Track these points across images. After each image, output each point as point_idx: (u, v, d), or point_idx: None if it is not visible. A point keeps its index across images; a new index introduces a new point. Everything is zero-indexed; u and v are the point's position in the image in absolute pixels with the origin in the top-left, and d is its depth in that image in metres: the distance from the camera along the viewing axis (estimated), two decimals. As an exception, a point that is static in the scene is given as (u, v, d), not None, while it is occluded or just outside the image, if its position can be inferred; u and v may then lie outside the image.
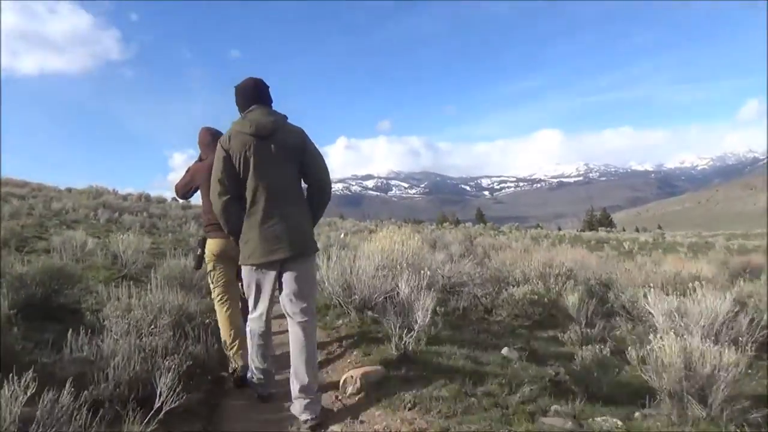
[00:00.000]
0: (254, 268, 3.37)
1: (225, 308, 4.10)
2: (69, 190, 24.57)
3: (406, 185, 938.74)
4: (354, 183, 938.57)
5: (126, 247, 7.44)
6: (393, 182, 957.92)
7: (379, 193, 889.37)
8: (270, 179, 3.29)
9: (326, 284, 5.50)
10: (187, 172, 4.48)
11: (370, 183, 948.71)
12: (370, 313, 5.22)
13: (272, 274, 3.37)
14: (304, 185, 3.55)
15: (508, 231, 38.49)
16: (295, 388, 3.31)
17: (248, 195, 3.32)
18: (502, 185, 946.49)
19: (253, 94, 3.46)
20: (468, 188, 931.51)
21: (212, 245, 4.11)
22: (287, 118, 3.47)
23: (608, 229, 57.25)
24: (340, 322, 5.31)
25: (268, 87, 3.54)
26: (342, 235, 19.51)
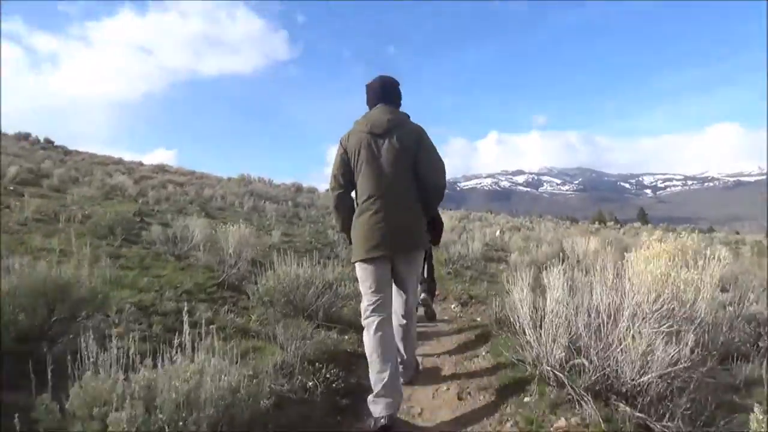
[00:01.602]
0: (364, 263, 3.34)
1: None
2: (229, 179, 24.97)
3: (559, 181, 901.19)
4: (503, 178, 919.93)
5: (235, 241, 5.85)
6: (545, 178, 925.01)
7: (529, 189, 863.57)
8: (380, 177, 3.31)
9: (519, 327, 3.50)
10: None
11: (520, 179, 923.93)
12: (627, 408, 2.78)
13: (383, 268, 3.34)
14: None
15: (686, 233, 33.18)
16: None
17: (359, 191, 3.41)
18: (667, 183, 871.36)
19: (380, 92, 3.53)
20: (627, 186, 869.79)
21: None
22: (409, 116, 3.50)
23: (806, 235, 48.17)
24: (562, 421, 2.88)
25: (398, 85, 3.60)
26: (498, 233, 17.19)
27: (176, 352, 2.29)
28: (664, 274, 3.16)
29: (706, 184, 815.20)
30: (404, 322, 3.54)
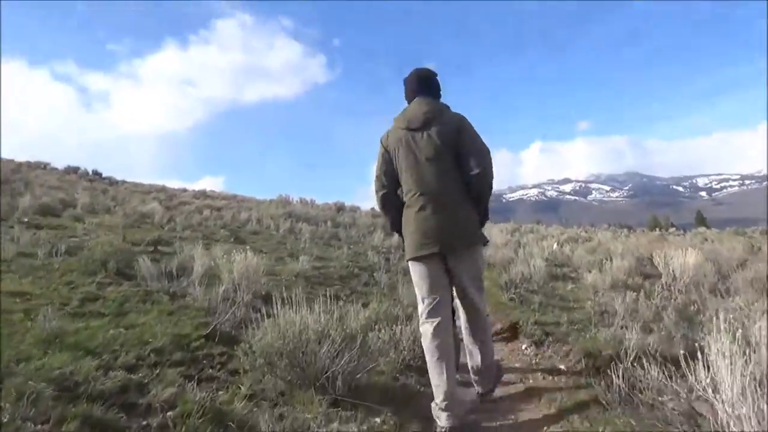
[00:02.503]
0: (415, 262, 3.25)
1: None
2: (271, 201, 24.44)
3: (608, 188, 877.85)
4: (550, 188, 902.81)
5: (239, 274, 4.61)
6: (593, 185, 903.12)
7: (577, 198, 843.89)
8: (422, 172, 3.22)
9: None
10: None
11: (567, 187, 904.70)
12: None
13: (435, 267, 3.21)
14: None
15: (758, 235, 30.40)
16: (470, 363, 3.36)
17: (404, 189, 3.32)
18: (723, 184, 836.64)
19: (416, 85, 3.42)
20: (681, 189, 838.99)
21: None
22: (448, 107, 3.34)
23: None
24: None
25: (434, 75, 3.45)
26: (555, 246, 15.54)
27: None
28: None
29: (765, 183, 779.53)
30: (475, 325, 3.37)
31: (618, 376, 3.04)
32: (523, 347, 4.84)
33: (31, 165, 24.48)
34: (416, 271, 3.26)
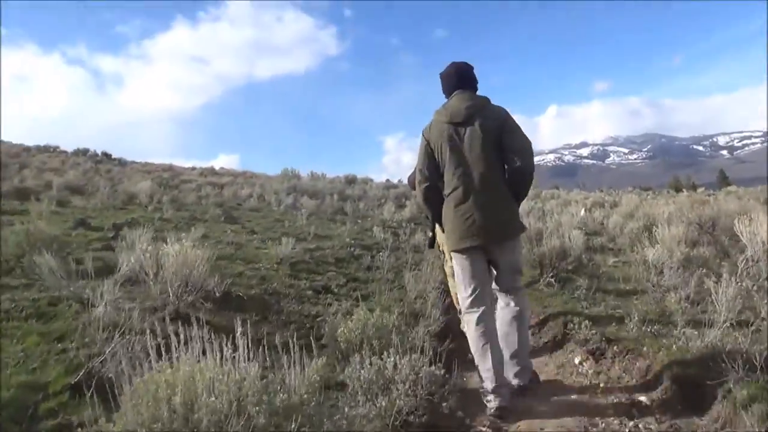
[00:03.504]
0: (458, 254, 3.31)
1: None
2: (276, 176, 23.41)
3: (626, 150, 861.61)
4: (567, 152, 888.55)
5: (172, 272, 3.26)
6: (610, 148, 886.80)
7: (595, 162, 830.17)
8: (466, 165, 3.24)
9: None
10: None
11: (584, 151, 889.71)
12: None
13: (478, 258, 3.28)
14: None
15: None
16: (505, 353, 3.25)
17: (446, 182, 3.32)
18: (744, 142, 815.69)
19: (455, 80, 3.42)
20: (701, 149, 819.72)
21: None
22: (489, 100, 3.38)
23: None
24: None
25: (472, 69, 3.48)
26: (583, 212, 14.04)
27: None
28: None
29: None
30: (516, 313, 3.30)
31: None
32: (576, 360, 3.47)
33: (41, 149, 24.24)
34: (459, 263, 3.32)
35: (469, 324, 3.24)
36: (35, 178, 13.65)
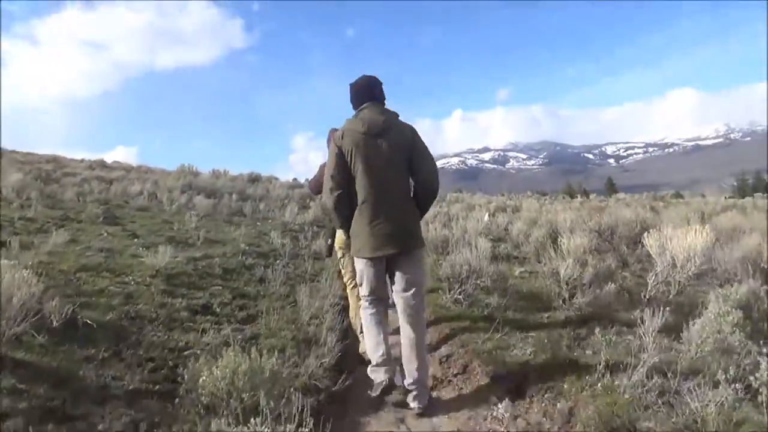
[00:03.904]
0: (362, 260, 3.44)
1: (356, 292, 4.08)
2: (171, 173, 21.98)
3: (525, 156, 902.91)
4: (470, 156, 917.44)
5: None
6: (510, 154, 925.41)
7: (496, 166, 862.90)
8: (379, 177, 3.35)
9: None
10: (319, 169, 4.62)
11: (486, 156, 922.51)
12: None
13: (381, 266, 3.44)
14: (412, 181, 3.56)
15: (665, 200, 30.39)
16: (406, 380, 3.34)
17: (358, 192, 3.40)
18: (629, 152, 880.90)
19: (366, 92, 3.51)
20: (591, 157, 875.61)
21: (342, 234, 4.04)
22: (398, 115, 3.51)
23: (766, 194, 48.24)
24: None
25: (381, 84, 3.57)
26: (486, 217, 14.01)
27: None
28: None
29: (666, 150, 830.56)
30: (413, 335, 3.38)
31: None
32: (491, 401, 3.03)
33: None
34: (362, 269, 3.48)
35: (365, 310, 3.52)
36: None
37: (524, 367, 3.29)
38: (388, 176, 3.34)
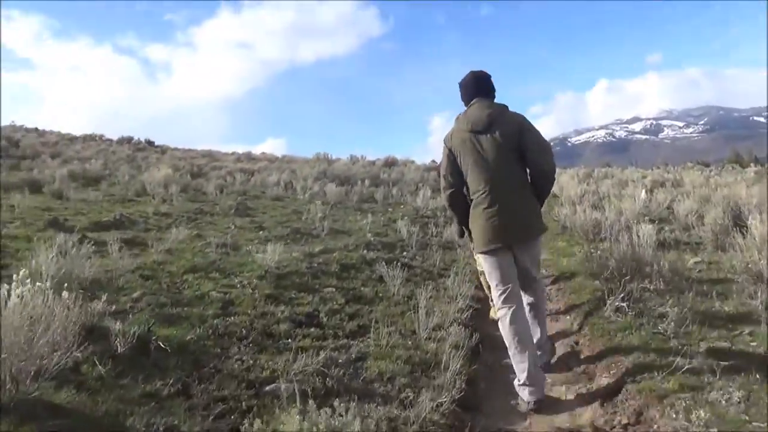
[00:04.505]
0: (486, 255, 3.43)
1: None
2: (306, 161, 22.73)
3: (681, 124, 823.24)
4: (618, 128, 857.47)
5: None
6: (664, 122, 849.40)
7: (648, 137, 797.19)
8: (489, 171, 3.34)
9: None
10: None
11: (637, 126, 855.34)
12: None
13: (504, 257, 3.40)
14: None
15: None
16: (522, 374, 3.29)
17: (471, 188, 3.45)
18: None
19: (473, 88, 3.52)
20: (762, 120, 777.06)
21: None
22: (507, 107, 3.48)
23: None
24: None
25: (489, 77, 3.59)
26: (644, 194, 12.21)
27: None
28: None
29: None
30: (534, 302, 3.57)
31: None
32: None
33: (87, 138, 25.13)
34: (488, 263, 3.45)
35: (503, 319, 3.35)
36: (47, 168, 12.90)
37: (736, 425, 2.24)
38: (498, 169, 3.32)
